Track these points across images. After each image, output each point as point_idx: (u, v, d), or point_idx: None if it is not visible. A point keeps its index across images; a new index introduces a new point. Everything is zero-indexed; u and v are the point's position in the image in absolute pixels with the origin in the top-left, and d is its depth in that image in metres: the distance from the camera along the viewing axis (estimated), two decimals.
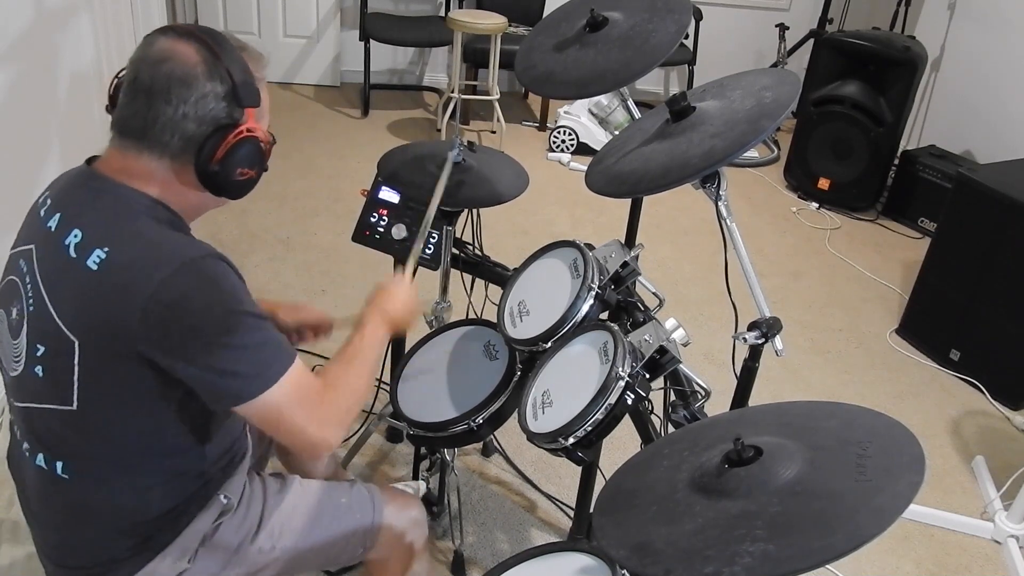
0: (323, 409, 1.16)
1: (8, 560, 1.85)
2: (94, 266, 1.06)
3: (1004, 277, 2.83)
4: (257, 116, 1.15)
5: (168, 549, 1.22)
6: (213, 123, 1.10)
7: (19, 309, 1.13)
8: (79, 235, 1.08)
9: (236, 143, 1.11)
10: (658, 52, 1.55)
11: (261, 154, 1.16)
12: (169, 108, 1.08)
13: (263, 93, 1.17)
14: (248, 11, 4.83)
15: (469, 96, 4.65)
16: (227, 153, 1.11)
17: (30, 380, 1.13)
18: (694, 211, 4.02)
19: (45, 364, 1.11)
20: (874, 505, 0.83)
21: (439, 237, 1.96)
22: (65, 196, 1.15)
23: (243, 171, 1.14)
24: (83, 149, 1.23)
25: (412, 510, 1.51)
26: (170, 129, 1.09)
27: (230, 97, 1.11)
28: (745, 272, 1.34)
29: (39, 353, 1.11)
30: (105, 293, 1.05)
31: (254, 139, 1.14)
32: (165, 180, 1.13)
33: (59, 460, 1.15)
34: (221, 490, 1.28)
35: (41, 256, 1.12)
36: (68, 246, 1.08)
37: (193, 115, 1.09)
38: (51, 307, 1.09)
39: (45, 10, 2.47)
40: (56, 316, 1.08)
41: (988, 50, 4.07)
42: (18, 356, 1.14)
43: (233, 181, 1.14)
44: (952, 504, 2.41)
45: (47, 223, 1.13)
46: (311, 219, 3.53)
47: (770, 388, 2.78)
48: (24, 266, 1.14)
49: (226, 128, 1.11)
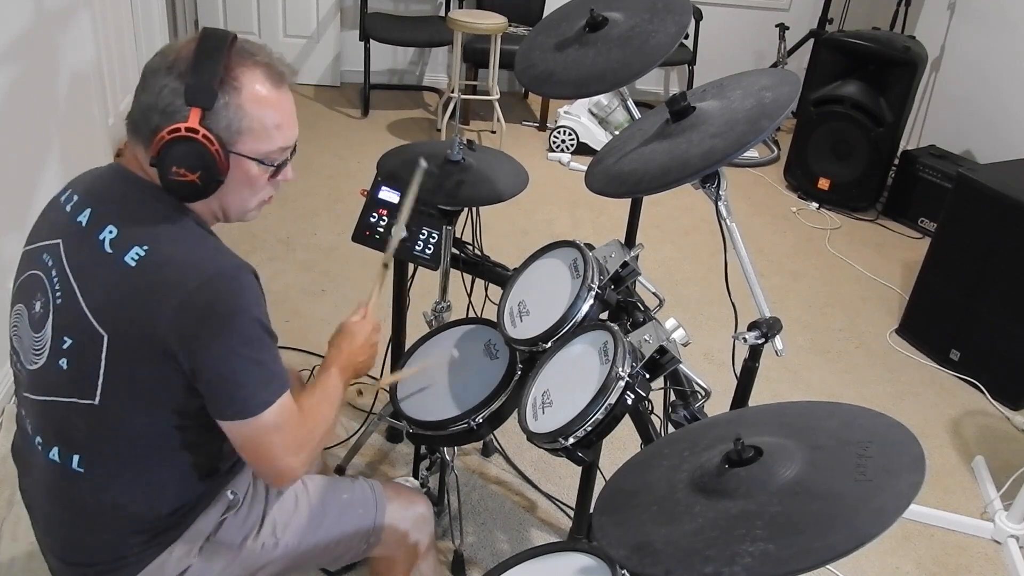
0: (298, 436, 1.18)
1: (8, 558, 1.85)
2: (132, 262, 1.08)
3: (1004, 277, 2.83)
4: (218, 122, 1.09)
5: (174, 545, 1.23)
6: (170, 117, 1.08)
7: (44, 302, 1.14)
8: (114, 231, 1.10)
9: (170, 140, 1.07)
10: (658, 52, 1.55)
11: (207, 160, 1.09)
12: (144, 95, 1.10)
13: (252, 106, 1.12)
14: (248, 11, 4.83)
15: (469, 96, 4.65)
16: (161, 148, 1.08)
17: (52, 373, 1.14)
18: (694, 211, 4.02)
19: (71, 357, 1.12)
20: (874, 505, 0.83)
21: (439, 237, 1.96)
22: (95, 192, 1.17)
23: (179, 171, 1.08)
24: (83, 149, 1.23)
25: (417, 507, 1.50)
26: (143, 117, 1.11)
27: (180, 94, 1.08)
28: (745, 272, 1.34)
29: (65, 346, 1.12)
30: (141, 290, 1.07)
31: (193, 140, 1.08)
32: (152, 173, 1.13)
33: (76, 454, 1.16)
34: (228, 486, 1.29)
35: (71, 250, 1.13)
36: (103, 241, 1.10)
37: (155, 106, 1.09)
38: (82, 300, 1.10)
39: (45, 10, 2.47)
40: (87, 309, 1.09)
41: (988, 50, 4.07)
42: (40, 349, 1.15)
43: (169, 180, 1.09)
44: (952, 504, 2.41)
45: (76, 218, 1.14)
46: (311, 219, 3.54)
47: (770, 388, 2.78)
48: (50, 260, 1.15)
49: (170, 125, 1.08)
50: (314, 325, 2.79)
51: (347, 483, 1.45)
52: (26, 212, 1.23)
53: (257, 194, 1.20)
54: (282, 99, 1.17)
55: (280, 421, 1.13)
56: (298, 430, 1.17)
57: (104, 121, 3.09)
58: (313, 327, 2.77)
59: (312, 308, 2.91)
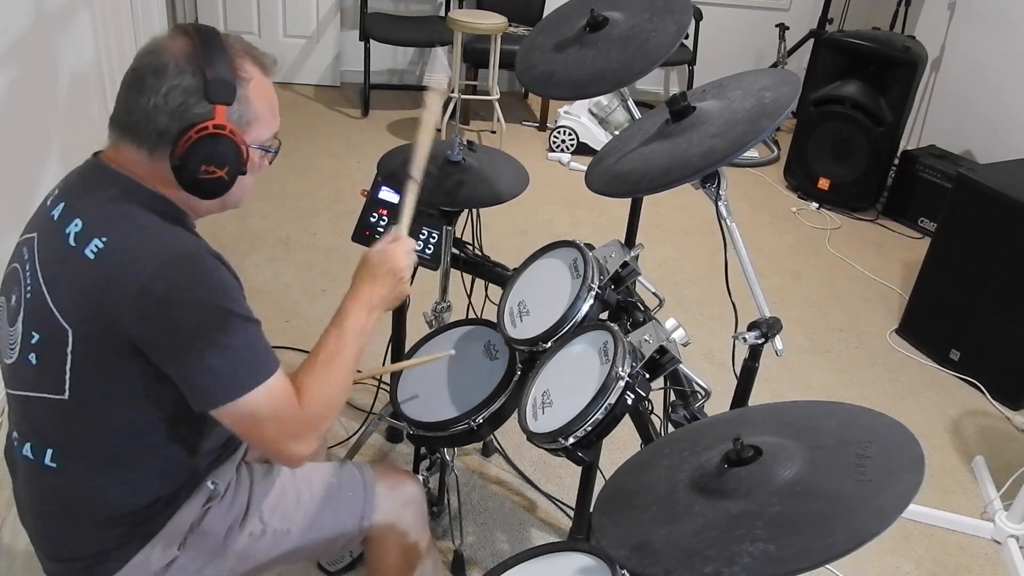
0: (296, 423, 1.13)
1: (8, 558, 1.85)
2: (91, 255, 1.06)
3: (1004, 277, 2.83)
4: (233, 115, 1.11)
5: (156, 538, 1.22)
6: (181, 117, 1.08)
7: (18, 296, 1.14)
8: (79, 224, 1.09)
9: (199, 139, 1.08)
10: (658, 52, 1.55)
11: (234, 154, 1.11)
12: (142, 98, 1.09)
13: (256, 96, 1.14)
14: (248, 11, 4.84)
15: (469, 96, 4.65)
16: (189, 149, 1.08)
17: (24, 368, 1.13)
18: (694, 211, 4.02)
19: (39, 352, 1.11)
20: (874, 505, 0.83)
21: (439, 237, 1.96)
22: (70, 187, 1.17)
23: (208, 169, 1.09)
24: (83, 149, 1.23)
25: (407, 487, 1.48)
26: (144, 119, 1.09)
27: (199, 92, 1.08)
28: (745, 272, 1.34)
29: (34, 340, 1.11)
30: (100, 282, 1.05)
31: (222, 136, 1.09)
32: (151, 173, 1.12)
33: (48, 448, 1.15)
34: (209, 476, 1.27)
35: (42, 245, 1.13)
36: (68, 235, 1.09)
37: (163, 107, 1.08)
38: (47, 295, 1.09)
39: (45, 10, 2.47)
40: (52, 304, 1.09)
41: (988, 50, 4.07)
42: (13, 343, 1.15)
43: (198, 179, 1.10)
44: (952, 504, 2.41)
45: (51, 212, 1.14)
46: (311, 219, 3.53)
47: (770, 388, 2.78)
48: (26, 254, 1.15)
49: (192, 123, 1.08)
50: (314, 325, 2.79)
51: (335, 466, 1.43)
52: (26, 212, 1.23)
53: (254, 181, 1.21)
54: (271, 85, 1.20)
55: (269, 406, 1.09)
56: (296, 415, 1.12)
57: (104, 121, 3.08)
58: (313, 327, 2.77)
59: (312, 308, 2.91)
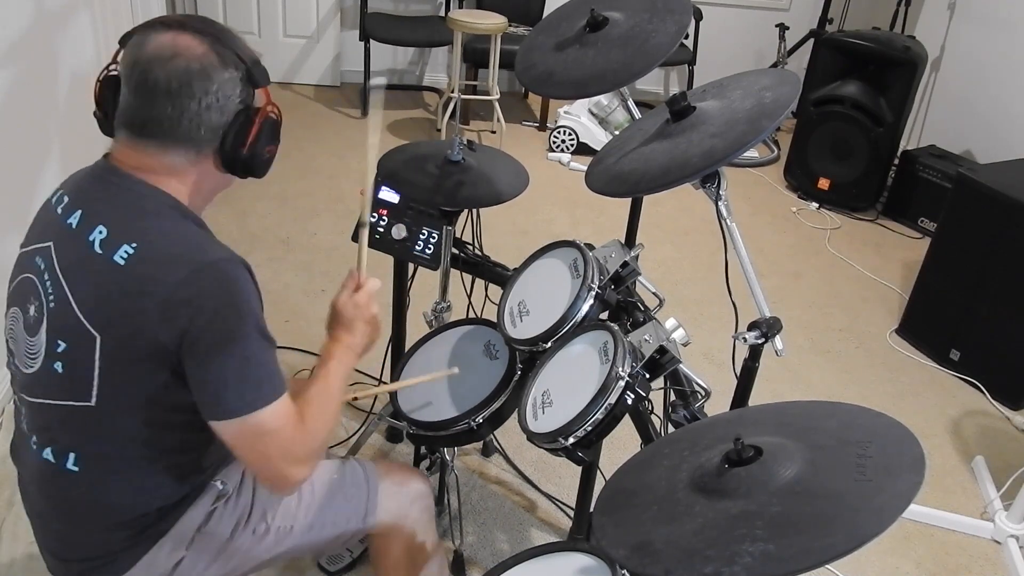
0: (297, 446, 1.15)
1: (8, 558, 1.85)
2: (121, 261, 1.07)
3: (1004, 277, 2.83)
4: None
5: (164, 539, 1.22)
6: (235, 109, 1.14)
7: (38, 306, 1.13)
8: (104, 231, 1.09)
9: (263, 121, 1.16)
10: (658, 52, 1.55)
11: (279, 130, 1.21)
12: (193, 103, 1.10)
13: None
14: (248, 11, 4.83)
15: (469, 96, 4.65)
16: (258, 135, 1.16)
17: (47, 376, 1.13)
18: (694, 211, 4.02)
19: (65, 360, 1.11)
20: (874, 505, 0.83)
21: (439, 237, 1.96)
22: (84, 193, 1.16)
23: (270, 148, 1.19)
24: (83, 149, 1.24)
25: (412, 483, 1.48)
26: (196, 123, 1.11)
27: (245, 80, 1.14)
28: (745, 272, 1.34)
29: (59, 349, 1.11)
30: (130, 288, 1.06)
31: (273, 117, 1.18)
32: (185, 173, 1.15)
33: (71, 452, 1.16)
34: (218, 477, 1.28)
35: (62, 253, 1.13)
36: (93, 242, 1.09)
37: (216, 105, 1.12)
38: (73, 303, 1.09)
39: (45, 10, 2.47)
40: (78, 311, 1.09)
41: (988, 50, 4.07)
42: (35, 353, 1.14)
43: (262, 160, 1.19)
44: (952, 504, 2.41)
45: (66, 220, 1.13)
46: (311, 219, 3.54)
47: (770, 388, 2.78)
48: (42, 263, 1.14)
49: (248, 111, 1.15)
50: (314, 325, 2.79)
51: (337, 464, 1.43)
52: (26, 212, 1.23)
53: None
54: None
55: (275, 427, 1.11)
56: (298, 439, 1.14)
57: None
58: (313, 327, 2.77)
59: (312, 308, 2.91)
